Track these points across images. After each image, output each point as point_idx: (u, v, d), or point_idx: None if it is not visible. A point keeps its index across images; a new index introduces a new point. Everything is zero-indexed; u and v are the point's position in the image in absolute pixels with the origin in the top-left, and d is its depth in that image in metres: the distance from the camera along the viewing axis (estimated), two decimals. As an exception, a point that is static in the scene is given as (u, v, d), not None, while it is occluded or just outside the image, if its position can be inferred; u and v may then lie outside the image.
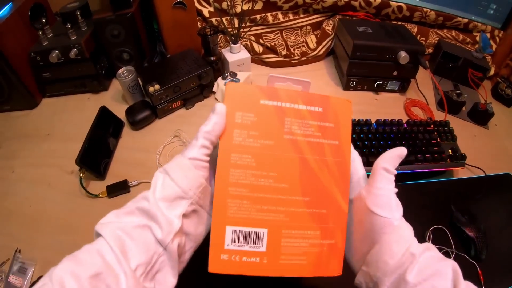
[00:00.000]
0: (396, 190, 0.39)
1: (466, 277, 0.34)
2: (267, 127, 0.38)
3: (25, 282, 0.59)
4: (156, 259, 0.34)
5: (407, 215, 0.38)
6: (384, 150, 0.73)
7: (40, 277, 0.59)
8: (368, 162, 0.72)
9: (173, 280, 0.36)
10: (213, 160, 0.39)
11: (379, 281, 0.36)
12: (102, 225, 0.34)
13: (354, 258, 0.40)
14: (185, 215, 0.37)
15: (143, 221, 0.35)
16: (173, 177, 0.37)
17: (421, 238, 0.64)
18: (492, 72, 1.09)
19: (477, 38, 1.12)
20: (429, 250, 0.36)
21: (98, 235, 0.34)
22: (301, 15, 1.12)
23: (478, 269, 0.61)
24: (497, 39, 1.11)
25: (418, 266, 0.34)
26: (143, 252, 0.33)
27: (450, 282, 0.33)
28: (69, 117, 0.90)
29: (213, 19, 1.04)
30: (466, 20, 1.09)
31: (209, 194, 0.40)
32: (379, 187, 0.38)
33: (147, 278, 0.34)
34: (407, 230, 0.37)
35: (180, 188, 0.36)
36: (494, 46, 1.10)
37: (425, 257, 0.35)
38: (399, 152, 0.40)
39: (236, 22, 0.94)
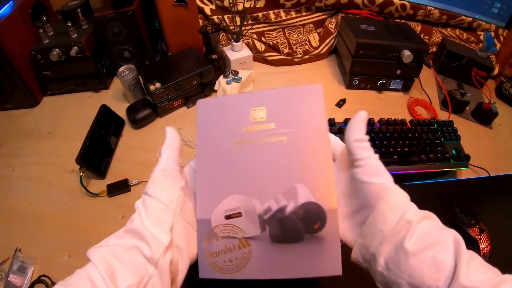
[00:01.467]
0: (377, 155, 0.37)
1: None
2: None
3: (25, 281, 0.59)
4: (146, 281, 0.34)
5: None
6: (388, 149, 0.74)
7: (40, 276, 0.59)
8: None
9: None
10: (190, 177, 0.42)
11: (376, 252, 0.35)
12: (92, 250, 0.35)
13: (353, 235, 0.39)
14: (174, 231, 0.37)
15: (132, 242, 0.35)
16: (152, 194, 0.37)
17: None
18: (496, 71, 1.08)
19: (481, 37, 1.10)
20: (429, 218, 0.35)
21: (89, 260, 0.34)
22: (304, 13, 1.11)
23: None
24: (501, 38, 1.10)
25: (417, 234, 0.33)
26: (132, 274, 0.33)
27: (452, 252, 0.32)
28: (70, 115, 0.90)
29: (215, 17, 1.03)
30: (470, 19, 1.08)
31: (191, 208, 0.40)
32: (361, 158, 0.36)
33: None
34: (402, 196, 0.35)
35: (161, 202, 0.37)
36: (498, 45, 1.09)
37: (424, 225, 0.34)
38: (361, 117, 0.39)
39: (238, 20, 0.94)
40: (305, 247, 0.37)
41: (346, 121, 0.79)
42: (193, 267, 0.39)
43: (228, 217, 0.39)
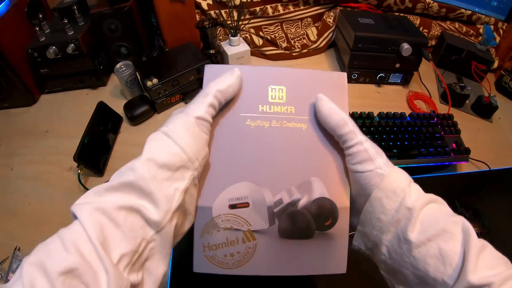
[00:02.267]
0: (365, 137, 0.34)
1: None
2: None
3: (24, 280, 0.58)
4: (144, 246, 0.28)
5: None
6: (387, 143, 0.73)
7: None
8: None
9: (163, 268, 0.31)
10: None
11: (378, 240, 0.33)
12: (80, 206, 0.28)
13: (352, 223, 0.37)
14: (187, 191, 0.31)
15: (131, 200, 0.29)
16: (178, 141, 0.30)
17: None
18: (495, 65, 1.07)
19: (481, 30, 1.10)
20: (433, 202, 0.32)
21: (75, 217, 0.28)
22: (302, 7, 1.10)
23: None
24: (501, 31, 1.09)
25: (420, 223, 0.30)
26: (129, 240, 0.27)
27: (460, 243, 0.29)
28: (68, 113, 0.89)
29: (212, 12, 1.03)
30: (469, 12, 1.08)
31: (207, 170, 0.35)
32: (347, 146, 0.33)
33: (133, 269, 0.28)
34: (399, 180, 0.32)
35: (186, 155, 0.30)
36: (498, 39, 1.08)
37: (428, 212, 0.31)
38: (327, 99, 0.35)
39: (235, 14, 0.93)
40: (313, 244, 0.35)
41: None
42: (187, 259, 0.36)
43: (233, 206, 0.35)
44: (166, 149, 0.30)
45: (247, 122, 0.36)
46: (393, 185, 0.32)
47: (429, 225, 0.30)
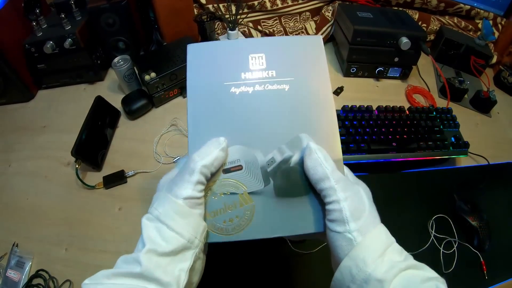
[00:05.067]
0: (349, 194, 0.32)
1: (469, 267, 0.31)
2: None
3: (23, 276, 0.58)
4: None
5: (409, 205, 0.36)
6: (386, 137, 0.73)
7: (38, 271, 0.58)
8: (370, 150, 0.70)
9: None
10: None
11: None
12: (90, 286, 0.29)
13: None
14: (192, 268, 0.32)
15: (140, 285, 0.30)
16: (172, 226, 0.31)
17: (424, 228, 0.64)
18: (494, 60, 1.07)
19: (480, 25, 1.09)
20: (410, 269, 0.30)
21: None
22: (300, 1, 1.09)
23: (481, 259, 0.60)
24: (500, 26, 1.09)
25: None
26: None
27: None
28: (65, 108, 0.89)
29: (210, 6, 1.02)
30: (468, 7, 1.07)
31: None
32: (326, 202, 0.33)
33: None
34: (372, 247, 0.30)
35: (184, 238, 0.31)
36: (497, 34, 1.08)
37: (401, 281, 0.29)
38: (314, 148, 0.34)
39: (233, 8, 0.92)
40: (311, 200, 0.35)
41: (344, 108, 0.78)
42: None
43: (226, 171, 0.36)
44: (163, 236, 0.31)
45: (231, 90, 0.37)
46: (364, 254, 0.30)
47: None
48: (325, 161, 0.33)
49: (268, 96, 0.37)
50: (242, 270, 0.58)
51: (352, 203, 0.32)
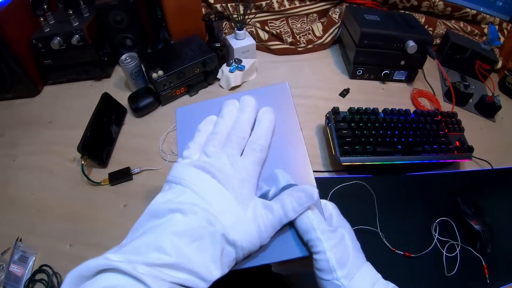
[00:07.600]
0: (334, 242, 0.34)
1: (471, 270, 0.32)
2: None
3: (26, 271, 0.58)
4: None
5: (413, 207, 0.36)
6: (392, 139, 0.73)
7: (42, 266, 0.58)
8: (375, 152, 0.71)
9: None
10: None
11: None
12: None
13: None
14: None
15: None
16: (244, 245, 0.32)
17: (427, 231, 0.65)
18: (499, 65, 1.07)
19: (485, 30, 1.10)
20: None
21: None
22: (308, 2, 1.10)
23: (483, 263, 0.60)
24: (505, 31, 1.09)
25: None
26: None
27: None
28: (72, 104, 0.89)
29: (218, 5, 1.02)
30: (474, 12, 1.07)
31: None
32: (313, 251, 0.34)
33: None
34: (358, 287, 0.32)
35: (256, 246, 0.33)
36: (502, 39, 1.08)
37: None
38: (301, 200, 0.35)
39: (241, 8, 0.93)
40: (293, 230, 0.36)
41: (350, 110, 0.78)
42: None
43: None
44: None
45: None
46: None
47: None
48: (312, 213, 0.35)
49: None
50: None
51: (337, 252, 0.33)
